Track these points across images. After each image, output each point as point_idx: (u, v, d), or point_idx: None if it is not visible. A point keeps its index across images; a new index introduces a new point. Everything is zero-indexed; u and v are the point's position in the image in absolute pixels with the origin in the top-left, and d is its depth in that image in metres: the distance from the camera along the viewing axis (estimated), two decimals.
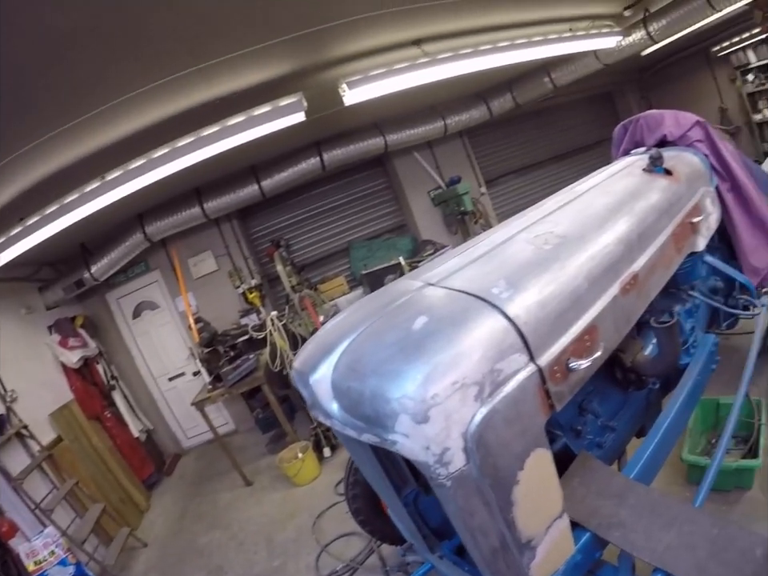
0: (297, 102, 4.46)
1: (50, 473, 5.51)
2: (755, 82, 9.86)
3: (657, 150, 3.03)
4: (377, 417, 1.50)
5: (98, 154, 4.45)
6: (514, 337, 1.58)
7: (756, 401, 3.61)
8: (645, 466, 2.24)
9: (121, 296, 8.03)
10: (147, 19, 3.13)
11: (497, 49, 5.04)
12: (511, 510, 1.57)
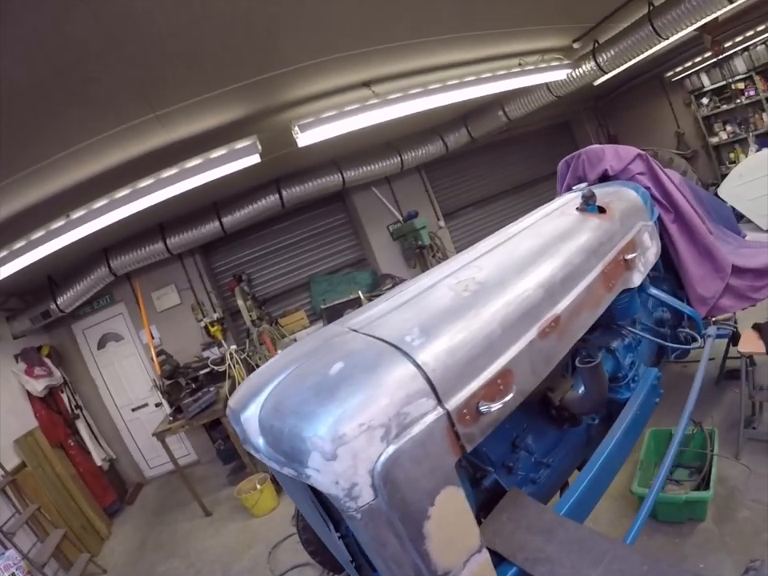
0: (251, 144, 4.58)
1: (13, 497, 5.65)
2: (710, 105, 10.16)
3: (589, 189, 3.09)
4: (294, 453, 1.62)
5: (63, 193, 4.66)
6: (422, 383, 1.67)
7: (709, 431, 3.68)
8: (577, 502, 2.26)
9: (87, 327, 8.12)
10: (103, 71, 3.30)
11: (446, 87, 5.20)
12: (424, 542, 1.63)
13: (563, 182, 4.18)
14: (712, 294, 3.60)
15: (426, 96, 5.09)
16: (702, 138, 10.61)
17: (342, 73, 4.76)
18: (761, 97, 9.12)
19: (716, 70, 9.68)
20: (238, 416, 1.94)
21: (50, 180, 4.43)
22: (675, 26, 5.38)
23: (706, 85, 10.01)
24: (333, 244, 9.21)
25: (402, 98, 4.96)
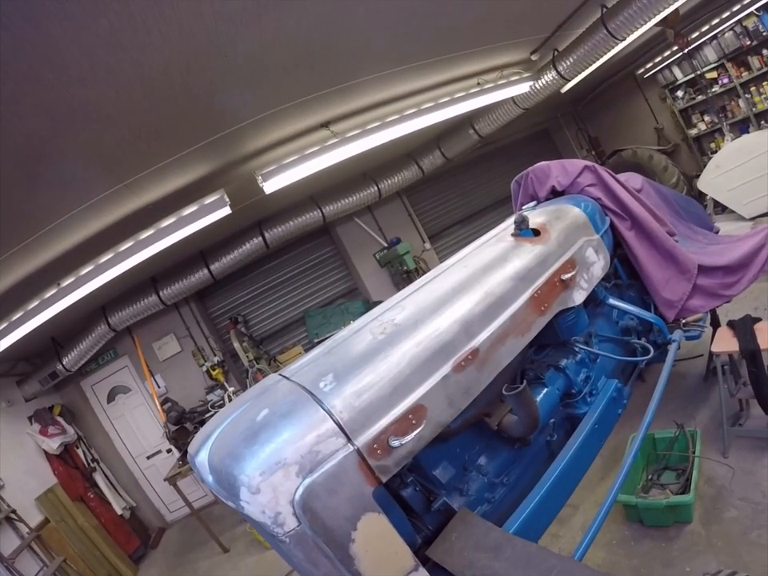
0: (219, 198, 4.79)
1: (40, 552, 5.93)
2: (685, 98, 10.17)
3: (520, 214, 3.18)
4: (230, 488, 1.84)
5: (52, 263, 4.96)
6: (330, 424, 1.90)
7: (691, 432, 3.70)
8: (528, 520, 2.36)
9: (94, 382, 8.35)
10: (60, 157, 3.56)
11: (403, 117, 5.35)
12: (353, 563, 1.84)
13: (517, 201, 4.28)
14: (679, 296, 3.61)
15: (385, 129, 5.26)
16: (682, 131, 10.60)
17: (299, 118, 4.93)
18: (735, 83, 9.07)
19: (687, 62, 9.66)
20: (194, 459, 2.12)
21: (35, 254, 4.70)
22: (629, 26, 5.40)
23: (679, 78, 10.01)
24: (323, 277, 9.36)
25: (361, 134, 5.13)
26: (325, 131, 5.23)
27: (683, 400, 4.43)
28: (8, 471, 6.18)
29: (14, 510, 5.84)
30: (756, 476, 3.41)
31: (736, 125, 9.45)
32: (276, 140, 5.08)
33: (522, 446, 2.74)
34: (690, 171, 9.98)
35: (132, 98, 3.39)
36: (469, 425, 2.52)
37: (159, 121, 3.84)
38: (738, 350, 3.56)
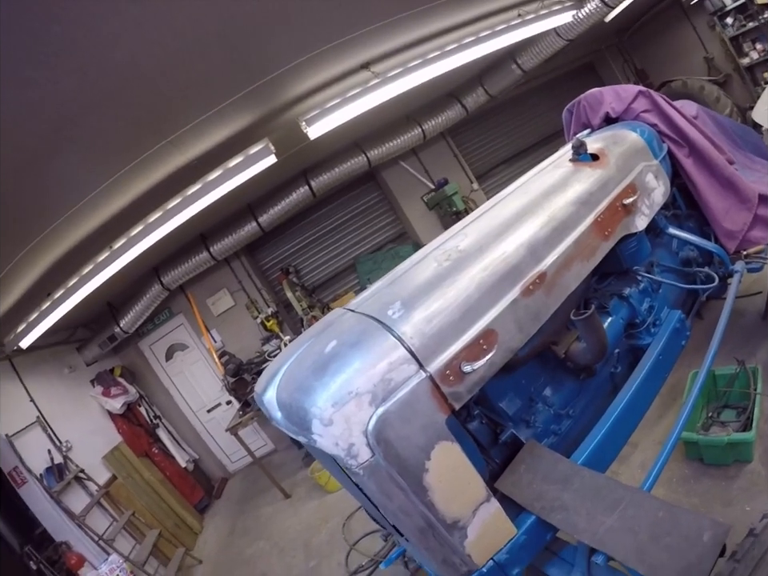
0: (264, 148, 4.73)
1: (109, 507, 6.15)
2: (735, 25, 9.35)
3: (577, 138, 3.03)
4: (301, 422, 1.84)
5: (102, 227, 4.94)
6: (402, 351, 1.86)
7: (752, 369, 3.52)
8: (595, 451, 2.31)
9: (152, 342, 8.54)
10: (105, 120, 3.55)
11: (445, 54, 5.16)
12: (427, 494, 1.84)
13: (569, 131, 4.15)
14: (740, 226, 3.39)
15: (426, 66, 5.06)
16: (733, 61, 9.80)
17: (339, 60, 4.78)
18: None
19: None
20: (261, 398, 2.16)
21: (87, 219, 4.70)
22: None
23: (728, 3, 9.22)
24: (372, 223, 9.27)
25: (402, 73, 4.96)
26: (366, 72, 5.06)
27: (742, 338, 4.17)
28: (75, 434, 6.38)
29: (83, 470, 6.03)
30: None
31: None
32: (316, 84, 4.95)
33: (587, 376, 2.67)
34: (743, 102, 9.37)
35: (167, 52, 3.33)
36: (535, 354, 2.45)
37: (197, 74, 3.76)
38: None
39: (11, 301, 5.19)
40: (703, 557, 1.60)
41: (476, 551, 1.95)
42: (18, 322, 5.50)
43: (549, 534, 2.13)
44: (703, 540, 1.65)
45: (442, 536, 1.90)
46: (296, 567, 5.00)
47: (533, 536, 2.08)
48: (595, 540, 1.85)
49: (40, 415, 6.10)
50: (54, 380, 6.92)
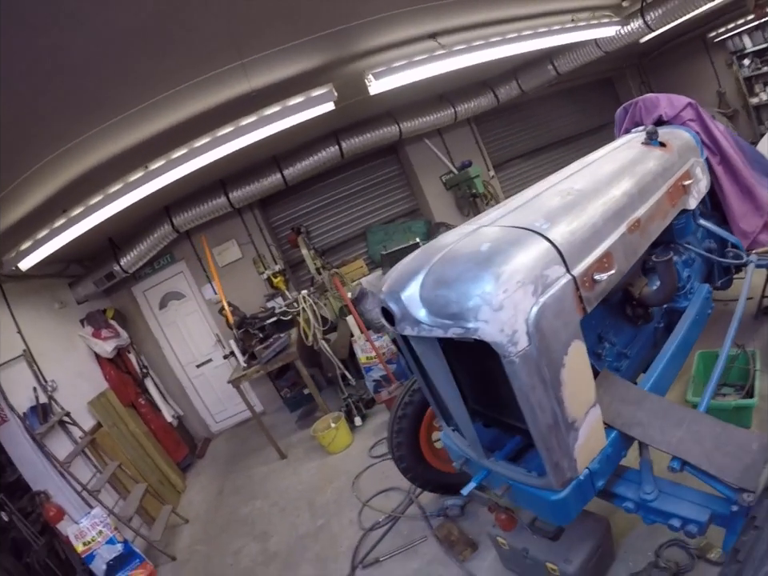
0: (328, 92, 5.01)
1: (92, 457, 5.97)
2: (751, 67, 10.54)
3: (653, 127, 3.66)
4: (461, 312, 2.06)
5: (138, 145, 5.00)
6: (554, 254, 2.21)
7: (751, 351, 4.20)
8: (657, 380, 2.87)
9: (147, 288, 8.59)
10: (202, 19, 3.70)
11: (505, 40, 5.68)
12: (560, 389, 2.14)
13: (621, 126, 4.75)
14: (753, 228, 4.16)
15: (487, 48, 5.57)
16: (743, 98, 11.02)
17: (411, 25, 5.25)
18: None
19: (758, 33, 10.07)
20: (398, 295, 2.33)
21: (127, 133, 4.76)
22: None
23: (748, 46, 10.38)
24: (387, 195, 9.77)
25: (465, 50, 5.44)
26: (432, 42, 5.55)
27: (738, 332, 4.90)
28: (61, 374, 6.23)
29: (69, 413, 5.86)
30: None
31: None
32: (387, 43, 5.39)
33: (644, 322, 3.27)
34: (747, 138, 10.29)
35: None
36: (618, 290, 3.02)
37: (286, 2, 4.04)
38: None
39: (23, 212, 5.09)
40: (756, 460, 2.14)
41: (580, 455, 2.30)
42: (23, 239, 5.24)
43: (624, 450, 2.62)
44: (753, 448, 2.22)
45: (561, 435, 2.20)
46: (302, 526, 5.06)
47: (615, 449, 2.51)
48: (671, 448, 2.36)
49: (27, 349, 5.93)
50: (44, 314, 6.81)
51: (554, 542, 2.85)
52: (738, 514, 2.14)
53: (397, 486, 4.88)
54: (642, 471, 2.54)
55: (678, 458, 2.34)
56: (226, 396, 8.54)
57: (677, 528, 2.33)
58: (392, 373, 6.77)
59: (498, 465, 2.70)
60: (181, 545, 5.76)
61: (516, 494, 2.63)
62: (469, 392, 2.68)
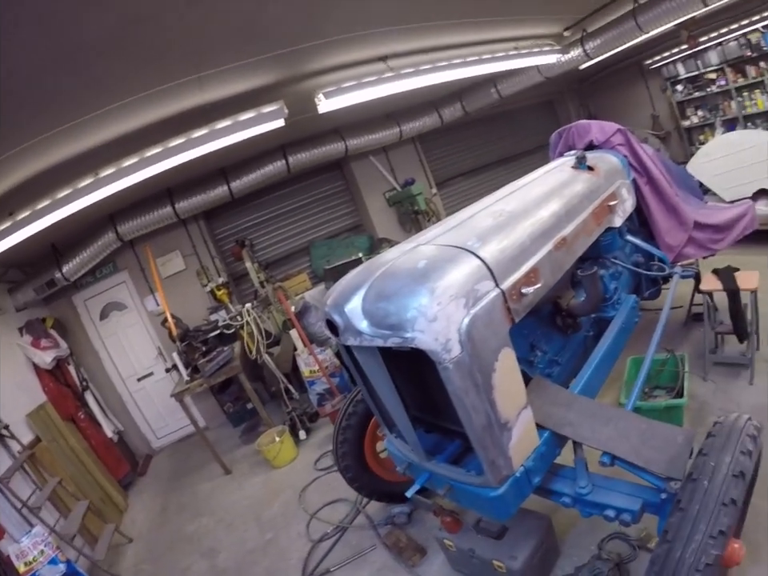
0: (279, 109, 5.20)
1: (32, 473, 5.77)
2: (684, 92, 11.54)
3: (582, 152, 4.09)
4: (400, 323, 2.30)
5: (90, 151, 5.02)
6: (485, 270, 2.50)
7: (680, 355, 4.70)
8: (587, 384, 3.22)
9: (88, 297, 8.44)
10: (161, 32, 3.79)
11: (451, 65, 6.06)
12: (492, 392, 2.39)
13: (555, 150, 5.19)
14: (677, 242, 4.64)
15: (434, 72, 5.93)
16: (675, 121, 12.06)
17: (363, 47, 5.54)
18: (731, 87, 10.53)
19: (691, 61, 11.00)
20: (342, 308, 2.54)
21: (80, 138, 4.76)
22: (656, 23, 6.51)
23: (681, 73, 11.37)
24: (331, 210, 10.10)
25: (413, 73, 5.77)
26: (382, 64, 5.87)
27: (668, 337, 5.23)
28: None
29: (7, 426, 5.63)
30: (731, 394, 4.45)
31: (725, 123, 10.92)
32: (339, 64, 5.66)
33: (573, 331, 3.65)
34: (679, 158, 11.07)
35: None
36: (547, 302, 3.38)
37: (261, 19, 4.19)
38: (721, 288, 4.62)
39: None
40: (681, 452, 2.45)
41: (515, 454, 2.54)
42: None
43: (557, 449, 2.93)
44: (678, 441, 2.54)
45: (495, 435, 2.43)
46: (250, 541, 5.11)
47: (549, 447, 2.81)
48: (601, 445, 2.67)
49: None
50: None
51: (498, 541, 3.07)
52: (667, 501, 2.46)
53: (343, 497, 5.07)
54: (577, 468, 2.85)
55: (608, 453, 2.65)
56: (167, 411, 8.48)
57: (612, 518, 2.63)
58: (335, 386, 6.96)
59: (439, 467, 2.95)
60: (126, 564, 5.66)
61: (458, 494, 2.87)
62: (410, 399, 2.92)
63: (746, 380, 4.52)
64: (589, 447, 2.75)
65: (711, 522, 2.07)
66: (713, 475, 2.22)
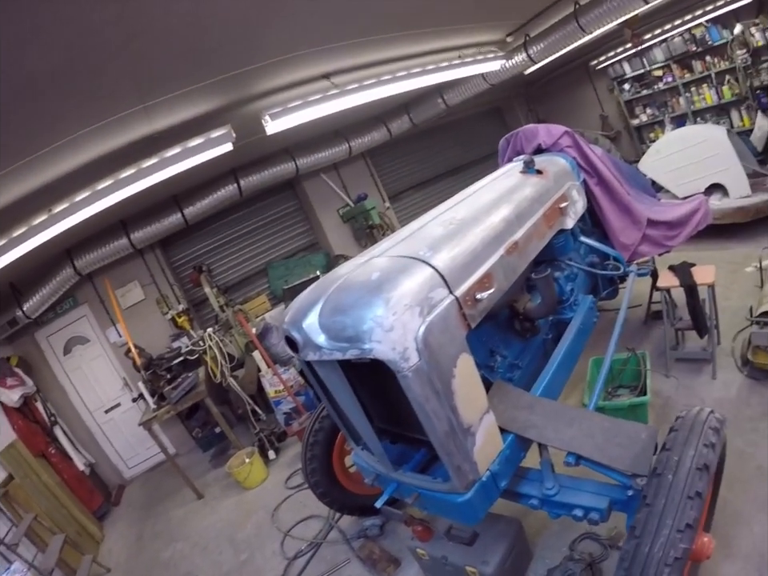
0: (226, 133, 5.21)
1: (7, 511, 5.83)
2: (631, 91, 11.75)
3: (530, 156, 4.13)
4: (357, 335, 2.30)
5: (42, 189, 5.01)
6: (438, 278, 2.52)
7: (641, 353, 4.74)
8: (548, 386, 3.24)
9: (50, 333, 8.37)
10: (110, 63, 3.79)
11: (396, 78, 6.09)
12: (453, 397, 2.40)
13: (504, 156, 5.22)
14: (632, 241, 4.67)
15: (379, 86, 5.95)
16: (624, 120, 12.27)
17: (305, 66, 5.56)
18: (677, 83, 10.74)
19: (637, 59, 11.22)
20: (300, 324, 2.55)
21: (30, 175, 4.76)
22: (598, 23, 6.59)
23: (628, 72, 11.59)
24: (286, 230, 10.12)
25: (358, 89, 5.79)
26: (326, 82, 5.89)
27: (628, 337, 5.43)
28: None
29: None
30: (695, 389, 4.52)
31: (675, 119, 11.08)
32: (282, 84, 5.68)
33: (531, 335, 3.68)
34: (630, 156, 11.33)
35: (188, 11, 3.67)
36: (503, 306, 3.41)
37: (202, 46, 4.21)
38: (678, 284, 4.69)
39: None
40: (645, 448, 2.48)
41: (480, 458, 2.55)
42: None
43: (522, 452, 2.94)
44: (642, 437, 2.57)
45: (459, 441, 2.44)
46: (225, 563, 5.16)
47: (513, 450, 2.83)
48: (565, 445, 2.69)
49: None
50: None
51: (470, 547, 3.06)
52: (634, 497, 2.49)
53: (316, 513, 5.10)
54: (543, 469, 2.86)
55: (572, 453, 2.66)
56: (136, 440, 8.49)
57: (580, 517, 2.65)
58: (301, 404, 6.98)
59: (406, 476, 2.96)
60: None
61: (426, 502, 2.89)
62: (373, 411, 2.92)
63: (709, 374, 4.60)
64: (554, 449, 2.77)
65: (678, 516, 2.10)
66: (677, 469, 2.24)
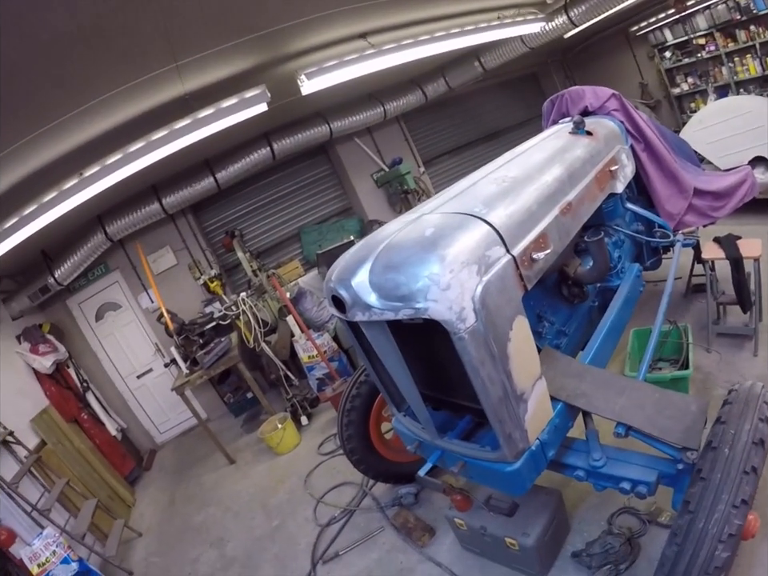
0: (261, 93, 5.03)
1: (40, 476, 5.81)
2: (672, 59, 11.22)
3: (580, 117, 3.95)
4: (411, 293, 2.18)
5: (72, 152, 4.97)
6: (494, 235, 2.41)
7: (683, 326, 4.58)
8: (596, 354, 3.14)
9: (82, 300, 8.43)
10: (139, 20, 3.70)
11: (433, 38, 5.87)
12: (508, 362, 2.30)
13: (548, 118, 5.03)
14: (678, 210, 4.50)
15: (416, 46, 5.75)
16: (665, 89, 11.75)
17: (342, 25, 5.43)
18: (720, 52, 10.19)
19: (679, 26, 10.68)
20: (348, 282, 2.41)
21: (60, 140, 4.73)
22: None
23: (669, 39, 11.04)
24: (319, 195, 9.96)
25: (394, 49, 5.60)
26: (362, 42, 5.75)
27: (669, 309, 5.27)
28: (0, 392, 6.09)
29: (12, 432, 5.71)
30: (736, 365, 4.36)
31: (717, 89, 10.59)
32: (318, 44, 5.55)
33: (579, 301, 3.55)
34: (670, 126, 10.93)
35: None
36: (553, 271, 3.27)
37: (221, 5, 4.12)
38: (724, 257, 4.50)
39: None
40: (696, 421, 2.41)
41: (531, 427, 2.48)
42: None
43: (570, 421, 2.84)
44: (692, 410, 2.48)
45: (511, 408, 2.36)
46: (258, 528, 5.13)
47: (562, 419, 2.74)
48: (615, 415, 2.61)
49: None
50: None
51: (510, 518, 2.99)
52: (683, 472, 2.40)
53: (349, 480, 5.06)
54: (589, 440, 2.78)
55: (622, 424, 2.57)
56: (168, 406, 8.58)
57: (627, 491, 2.56)
58: (334, 370, 6.94)
59: (451, 444, 2.86)
60: (136, 558, 5.69)
61: (471, 471, 2.81)
62: (417, 376, 2.80)
63: (750, 351, 4.45)
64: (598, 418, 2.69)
65: (734, 492, 2.03)
66: (733, 443, 2.17)
